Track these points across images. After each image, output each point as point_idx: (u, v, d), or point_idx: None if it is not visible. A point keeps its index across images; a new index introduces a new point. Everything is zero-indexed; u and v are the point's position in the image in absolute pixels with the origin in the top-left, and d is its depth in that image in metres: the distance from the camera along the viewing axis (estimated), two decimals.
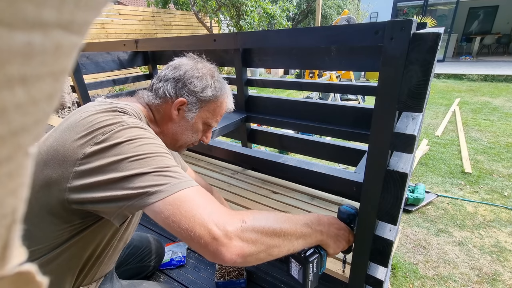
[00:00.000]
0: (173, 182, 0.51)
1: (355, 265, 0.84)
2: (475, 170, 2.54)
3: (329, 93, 4.72)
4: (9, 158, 0.10)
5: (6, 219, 0.11)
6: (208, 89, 0.75)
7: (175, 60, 0.77)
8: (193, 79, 0.73)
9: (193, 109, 0.75)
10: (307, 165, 0.79)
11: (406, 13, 10.56)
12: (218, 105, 0.79)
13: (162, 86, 0.73)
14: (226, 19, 7.58)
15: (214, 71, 0.78)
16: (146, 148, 0.54)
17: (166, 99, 0.73)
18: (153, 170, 0.52)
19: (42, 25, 0.10)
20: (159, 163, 0.53)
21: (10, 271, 0.11)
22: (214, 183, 1.51)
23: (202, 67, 0.76)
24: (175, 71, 0.73)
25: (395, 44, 0.53)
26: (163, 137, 0.76)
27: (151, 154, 0.54)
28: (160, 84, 0.73)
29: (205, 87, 0.74)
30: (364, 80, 7.44)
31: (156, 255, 1.20)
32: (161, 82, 0.73)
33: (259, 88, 6.24)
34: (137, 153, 0.53)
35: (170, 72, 0.73)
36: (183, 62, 0.75)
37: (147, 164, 0.52)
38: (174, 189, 0.50)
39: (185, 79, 0.73)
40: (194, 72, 0.73)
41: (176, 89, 0.72)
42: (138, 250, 1.14)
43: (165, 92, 0.72)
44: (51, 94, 0.11)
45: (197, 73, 0.74)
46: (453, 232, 1.80)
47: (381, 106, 0.59)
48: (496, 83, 6.27)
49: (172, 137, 0.78)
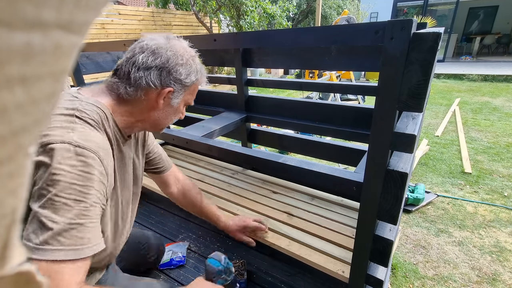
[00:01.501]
0: (68, 248, 0.53)
1: (355, 265, 0.84)
2: (475, 170, 2.54)
3: (329, 93, 4.72)
4: (9, 158, 0.10)
5: (6, 219, 0.11)
6: (192, 75, 0.74)
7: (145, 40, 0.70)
8: (178, 66, 0.70)
9: (178, 95, 0.74)
10: (307, 165, 0.79)
11: (406, 13, 10.56)
12: (197, 85, 0.80)
13: (143, 76, 0.68)
14: (226, 19, 7.58)
15: (193, 53, 0.76)
16: (69, 193, 0.55)
17: (149, 89, 0.69)
18: (62, 223, 0.53)
19: (41, 25, 0.10)
20: (71, 217, 0.55)
21: (10, 271, 0.11)
22: (214, 183, 1.51)
23: (183, 52, 0.72)
24: (155, 57, 0.68)
25: (395, 44, 0.53)
26: (142, 124, 0.76)
27: (70, 201, 0.55)
28: (141, 74, 0.68)
29: (189, 73, 0.73)
30: (364, 80, 7.44)
31: (156, 250, 1.23)
32: (140, 71, 0.68)
33: (259, 88, 6.24)
34: (59, 195, 0.54)
35: (149, 58, 0.68)
36: (160, 45, 0.69)
37: (60, 214, 0.54)
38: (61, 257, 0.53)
39: (169, 67, 0.69)
40: (178, 59, 0.70)
41: (161, 79, 0.69)
42: (138, 245, 1.17)
43: (149, 82, 0.68)
44: (51, 94, 0.11)
45: (181, 60, 0.71)
46: (453, 232, 1.80)
47: (381, 106, 0.59)
48: (496, 83, 6.27)
49: (154, 123, 0.76)
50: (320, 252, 1.01)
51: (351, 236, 1.07)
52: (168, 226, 1.57)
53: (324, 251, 1.01)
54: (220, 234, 1.48)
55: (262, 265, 1.29)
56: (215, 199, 1.36)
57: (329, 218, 1.19)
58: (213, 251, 0.96)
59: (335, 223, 1.15)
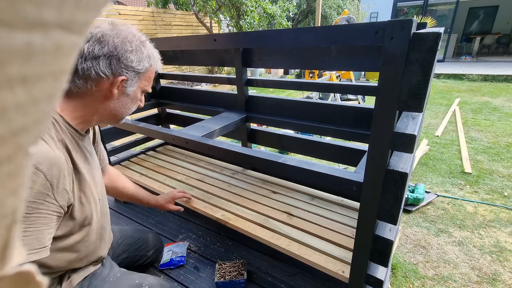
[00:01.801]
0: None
1: (355, 265, 0.84)
2: (475, 170, 2.54)
3: (329, 93, 4.72)
4: (9, 158, 0.10)
5: (6, 219, 0.11)
6: (145, 61, 0.72)
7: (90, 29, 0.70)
8: (128, 53, 0.68)
9: (133, 83, 0.73)
10: (307, 165, 0.79)
11: (406, 13, 10.56)
12: (152, 71, 0.78)
13: (92, 66, 0.65)
14: (226, 19, 7.58)
15: (143, 38, 0.74)
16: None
17: (100, 79, 0.66)
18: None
19: (42, 25, 0.10)
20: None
21: (10, 271, 0.11)
22: (214, 183, 1.51)
23: (132, 38, 0.70)
24: (102, 45, 0.65)
25: (395, 44, 0.53)
26: (98, 117, 0.74)
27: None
28: (89, 64, 0.64)
29: (141, 59, 0.71)
30: (364, 80, 7.43)
31: (154, 246, 1.27)
32: (88, 61, 0.64)
33: (259, 88, 6.24)
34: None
35: (96, 47, 0.65)
36: (106, 33, 0.67)
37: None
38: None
39: (119, 55, 0.67)
40: (127, 46, 0.68)
41: (111, 67, 0.67)
42: (135, 240, 1.21)
43: (99, 72, 0.65)
44: (52, 94, 0.11)
45: (130, 47, 0.69)
46: (453, 232, 1.80)
47: (381, 106, 0.59)
48: (496, 83, 6.27)
49: (111, 114, 0.74)
50: (320, 252, 1.01)
51: (351, 236, 1.07)
52: (168, 226, 1.57)
53: (324, 251, 1.01)
54: (220, 234, 1.48)
55: (262, 265, 1.29)
56: (215, 199, 1.36)
57: (329, 218, 1.19)
58: (213, 251, 0.96)
59: (335, 223, 1.15)
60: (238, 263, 1.23)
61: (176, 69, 7.24)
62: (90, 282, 0.86)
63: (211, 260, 1.32)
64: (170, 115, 2.08)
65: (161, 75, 1.94)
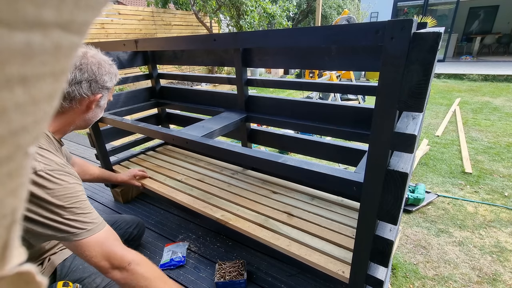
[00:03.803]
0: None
1: (355, 265, 0.84)
2: (476, 170, 2.54)
3: (329, 93, 4.71)
4: (9, 158, 0.10)
5: (6, 219, 0.11)
6: (114, 79, 0.93)
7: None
8: (104, 76, 0.88)
9: (105, 97, 0.92)
10: (307, 165, 0.78)
11: (406, 13, 10.55)
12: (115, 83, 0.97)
13: (76, 90, 0.83)
14: (226, 19, 7.58)
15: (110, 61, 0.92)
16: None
17: (82, 98, 0.85)
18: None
19: (41, 25, 0.10)
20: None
21: (10, 271, 0.11)
22: (214, 183, 1.51)
23: (104, 63, 0.89)
24: (82, 72, 0.83)
25: (396, 43, 0.53)
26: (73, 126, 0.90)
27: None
28: (73, 88, 0.82)
29: (111, 78, 0.91)
30: (364, 80, 7.43)
31: (133, 222, 1.34)
32: (72, 86, 0.82)
33: (259, 88, 6.24)
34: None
35: (77, 74, 0.83)
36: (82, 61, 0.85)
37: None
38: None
39: (97, 78, 0.86)
40: (102, 70, 0.87)
41: (91, 89, 0.86)
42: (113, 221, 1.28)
43: (82, 94, 0.84)
44: (51, 94, 0.11)
45: (104, 71, 0.88)
46: (454, 232, 1.80)
47: (381, 106, 0.59)
48: (497, 83, 6.27)
49: (86, 123, 0.92)
50: (320, 252, 1.01)
51: (351, 236, 1.07)
52: (168, 226, 1.57)
53: (324, 251, 1.01)
54: (220, 234, 1.48)
55: (262, 265, 1.29)
56: (215, 199, 1.36)
57: (329, 218, 1.18)
58: (213, 251, 0.96)
59: (335, 223, 1.15)
60: (238, 263, 1.23)
61: (176, 69, 7.24)
62: (71, 262, 0.96)
63: (211, 260, 1.32)
64: (170, 115, 2.08)
65: (161, 75, 1.95)
